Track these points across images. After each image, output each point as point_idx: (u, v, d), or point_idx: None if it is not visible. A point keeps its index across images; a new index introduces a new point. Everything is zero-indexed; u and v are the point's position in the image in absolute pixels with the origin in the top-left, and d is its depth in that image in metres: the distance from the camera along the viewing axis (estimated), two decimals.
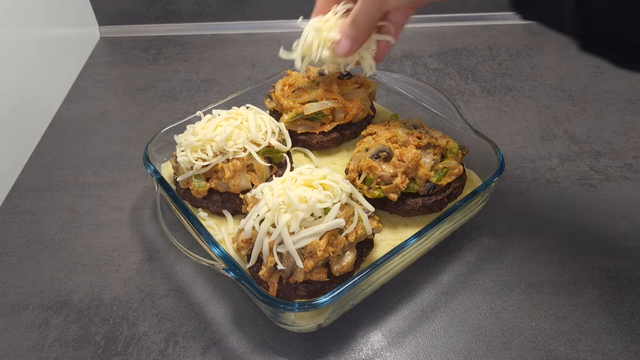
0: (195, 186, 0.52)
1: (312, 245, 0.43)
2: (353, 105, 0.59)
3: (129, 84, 0.83)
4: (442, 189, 0.52)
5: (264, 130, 0.54)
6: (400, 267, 0.50)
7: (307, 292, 0.45)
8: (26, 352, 0.48)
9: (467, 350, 0.46)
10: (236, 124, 0.52)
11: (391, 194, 0.50)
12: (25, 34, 0.72)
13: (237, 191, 0.52)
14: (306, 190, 0.44)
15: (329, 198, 0.44)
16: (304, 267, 0.43)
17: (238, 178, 0.52)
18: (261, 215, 0.44)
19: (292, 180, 0.45)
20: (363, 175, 0.52)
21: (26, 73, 0.71)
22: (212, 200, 0.53)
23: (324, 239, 0.43)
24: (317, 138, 0.60)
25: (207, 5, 0.94)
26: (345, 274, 0.45)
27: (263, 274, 0.44)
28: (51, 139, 0.73)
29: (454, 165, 0.52)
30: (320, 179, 0.45)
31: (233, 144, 0.52)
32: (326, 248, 0.43)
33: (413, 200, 0.51)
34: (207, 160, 0.51)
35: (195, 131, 0.53)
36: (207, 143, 0.51)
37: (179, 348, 0.47)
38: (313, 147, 0.61)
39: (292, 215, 0.42)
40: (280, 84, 0.62)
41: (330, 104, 0.58)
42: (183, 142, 0.53)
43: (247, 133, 0.53)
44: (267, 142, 0.53)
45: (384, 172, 0.50)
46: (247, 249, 0.46)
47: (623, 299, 0.50)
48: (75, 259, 0.56)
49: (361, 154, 0.53)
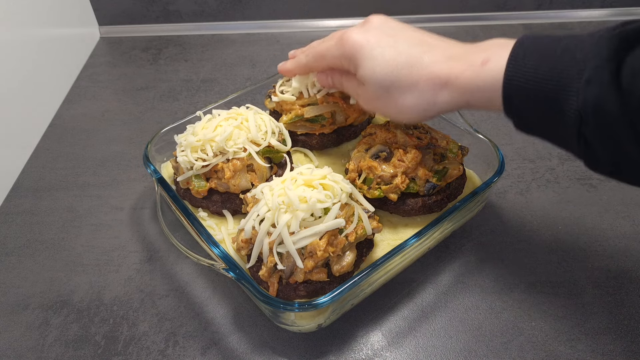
0: (195, 186, 0.52)
1: (312, 245, 0.43)
2: (354, 109, 0.59)
3: (129, 83, 0.83)
4: (442, 189, 0.52)
5: (264, 130, 0.54)
6: (400, 267, 0.50)
7: (307, 292, 0.45)
8: (26, 352, 0.48)
9: (467, 350, 0.46)
10: (236, 124, 0.52)
11: (391, 194, 0.50)
12: (26, 34, 0.72)
13: (237, 191, 0.52)
14: (306, 190, 0.44)
15: (329, 198, 0.44)
16: (304, 267, 0.43)
17: (238, 178, 0.52)
18: (261, 215, 0.44)
19: (292, 180, 0.45)
20: (363, 175, 0.52)
21: (26, 73, 0.71)
22: (212, 200, 0.53)
23: (324, 239, 0.43)
24: (317, 138, 0.60)
25: (207, 5, 0.94)
26: (345, 274, 0.45)
27: (263, 274, 0.44)
28: (51, 138, 0.73)
29: (454, 166, 0.52)
30: (320, 179, 0.45)
31: (233, 144, 0.52)
32: (326, 248, 0.43)
33: (413, 200, 0.51)
34: (207, 160, 0.51)
35: (195, 131, 0.53)
36: (207, 143, 0.51)
37: (179, 348, 0.47)
38: (313, 147, 0.61)
39: (292, 215, 0.42)
40: (280, 84, 0.62)
41: (330, 108, 0.58)
42: (183, 142, 0.53)
43: (247, 133, 0.52)
44: (267, 142, 0.53)
45: (384, 172, 0.50)
46: (247, 249, 0.46)
47: (623, 299, 0.50)
48: (75, 259, 0.56)
49: (361, 154, 0.53)
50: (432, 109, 0.42)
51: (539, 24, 0.92)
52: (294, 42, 0.91)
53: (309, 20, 0.95)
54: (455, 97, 0.40)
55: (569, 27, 0.91)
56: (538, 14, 0.93)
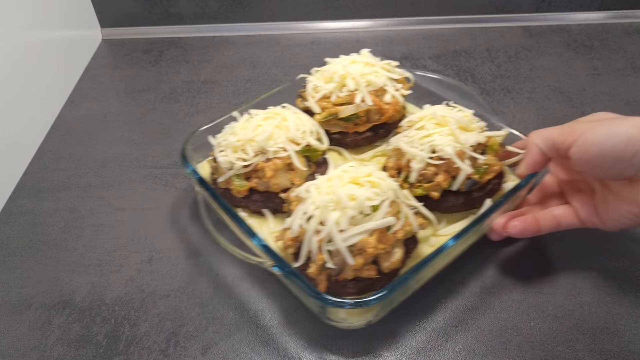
0: (236, 186, 0.52)
1: (362, 243, 0.43)
2: (389, 107, 0.58)
3: (131, 85, 0.84)
4: (482, 185, 0.52)
5: (302, 130, 0.54)
6: (445, 263, 0.51)
7: (356, 289, 0.45)
8: (29, 352, 0.48)
9: (466, 350, 0.47)
10: (276, 124, 0.53)
11: (433, 192, 0.50)
12: (28, 36, 0.72)
13: (278, 190, 0.52)
14: (354, 188, 0.44)
15: (377, 195, 0.44)
16: (354, 264, 0.43)
17: (279, 177, 0.52)
18: (309, 213, 0.44)
19: (339, 178, 0.45)
20: (404, 174, 0.52)
21: (29, 75, 0.72)
22: (252, 200, 0.53)
23: (375, 236, 0.43)
24: (351, 137, 0.60)
25: (208, 8, 0.94)
26: (394, 270, 0.46)
27: (312, 272, 0.44)
28: (53, 140, 0.73)
29: (495, 162, 0.52)
30: (366, 176, 0.46)
31: (273, 143, 0.52)
32: (377, 245, 0.43)
33: (454, 198, 0.51)
34: (247, 160, 0.52)
35: (235, 131, 0.53)
36: (247, 143, 0.52)
37: (180, 348, 0.48)
38: (347, 146, 0.61)
39: (341, 213, 0.43)
40: (312, 83, 0.61)
41: (365, 106, 0.57)
42: (223, 143, 0.53)
43: (286, 132, 0.53)
44: (306, 141, 0.53)
45: (426, 170, 0.50)
46: (294, 247, 0.46)
47: (621, 299, 0.50)
48: (77, 259, 0.56)
49: (400, 152, 0.52)
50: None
51: (538, 26, 0.93)
52: (295, 44, 0.91)
53: (309, 22, 0.95)
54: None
55: (567, 29, 0.91)
56: (536, 16, 0.94)
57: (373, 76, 0.58)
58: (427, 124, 0.52)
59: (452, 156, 0.49)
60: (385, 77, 0.59)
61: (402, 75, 0.62)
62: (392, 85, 0.60)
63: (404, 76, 0.62)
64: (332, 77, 0.59)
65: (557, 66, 0.83)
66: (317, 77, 0.61)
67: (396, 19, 0.95)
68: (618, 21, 0.92)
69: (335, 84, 0.58)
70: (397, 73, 0.61)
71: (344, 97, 0.58)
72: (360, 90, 0.57)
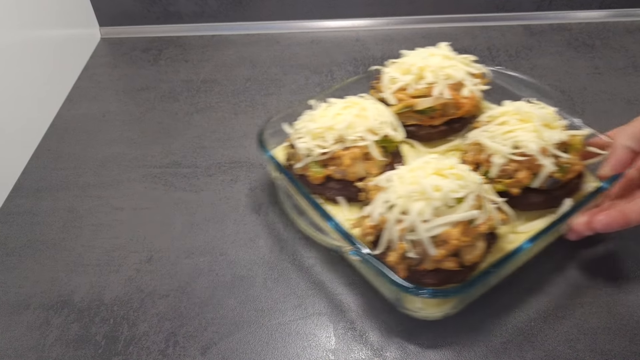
0: (313, 172, 0.53)
1: (445, 234, 0.43)
2: (467, 102, 0.58)
3: (130, 84, 0.84)
4: (563, 184, 0.51)
5: (381, 120, 0.54)
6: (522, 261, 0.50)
7: (436, 279, 0.44)
8: (27, 352, 0.48)
9: (465, 350, 0.46)
10: (355, 113, 0.53)
11: (513, 189, 0.50)
12: (26, 35, 0.72)
13: (354, 179, 0.53)
14: (438, 179, 0.44)
15: (462, 188, 0.44)
16: (436, 254, 0.43)
17: (356, 166, 0.52)
18: (391, 202, 0.44)
19: (422, 169, 0.45)
20: (483, 169, 0.51)
21: (27, 73, 0.72)
22: (328, 187, 0.54)
23: (458, 228, 0.43)
24: (426, 130, 0.59)
25: (208, 7, 0.94)
26: (474, 263, 0.46)
27: (392, 260, 0.44)
28: (52, 139, 0.73)
29: (577, 161, 0.51)
30: (449, 168, 0.45)
31: (352, 132, 0.52)
32: (460, 237, 0.43)
33: (535, 195, 0.50)
34: (326, 148, 0.52)
35: (314, 118, 0.53)
36: (327, 131, 0.52)
37: (179, 348, 0.48)
38: (421, 139, 0.60)
39: (425, 203, 0.43)
40: (389, 75, 0.60)
41: (443, 100, 0.57)
42: (301, 130, 0.53)
43: (365, 122, 0.53)
44: (384, 132, 0.53)
45: (507, 166, 0.50)
46: (374, 234, 0.46)
47: (622, 299, 0.50)
48: (75, 259, 0.56)
49: (479, 146, 0.52)
50: None
51: (538, 24, 0.92)
52: (294, 43, 0.91)
53: (309, 21, 0.95)
54: None
55: (568, 28, 0.91)
56: (537, 15, 0.93)
57: (452, 70, 0.58)
58: (510, 120, 0.51)
59: (535, 153, 0.48)
60: (463, 71, 0.59)
61: (480, 71, 0.61)
62: (470, 80, 0.59)
63: (481, 71, 0.61)
64: (409, 69, 0.59)
65: (558, 65, 0.82)
66: (394, 69, 0.60)
67: (396, 18, 0.94)
68: (619, 20, 0.92)
69: (413, 76, 0.58)
70: (475, 67, 0.61)
71: (421, 90, 0.57)
72: (439, 83, 0.57)
